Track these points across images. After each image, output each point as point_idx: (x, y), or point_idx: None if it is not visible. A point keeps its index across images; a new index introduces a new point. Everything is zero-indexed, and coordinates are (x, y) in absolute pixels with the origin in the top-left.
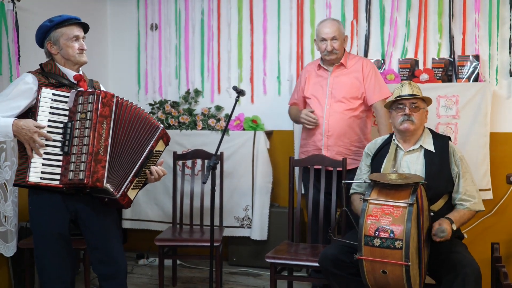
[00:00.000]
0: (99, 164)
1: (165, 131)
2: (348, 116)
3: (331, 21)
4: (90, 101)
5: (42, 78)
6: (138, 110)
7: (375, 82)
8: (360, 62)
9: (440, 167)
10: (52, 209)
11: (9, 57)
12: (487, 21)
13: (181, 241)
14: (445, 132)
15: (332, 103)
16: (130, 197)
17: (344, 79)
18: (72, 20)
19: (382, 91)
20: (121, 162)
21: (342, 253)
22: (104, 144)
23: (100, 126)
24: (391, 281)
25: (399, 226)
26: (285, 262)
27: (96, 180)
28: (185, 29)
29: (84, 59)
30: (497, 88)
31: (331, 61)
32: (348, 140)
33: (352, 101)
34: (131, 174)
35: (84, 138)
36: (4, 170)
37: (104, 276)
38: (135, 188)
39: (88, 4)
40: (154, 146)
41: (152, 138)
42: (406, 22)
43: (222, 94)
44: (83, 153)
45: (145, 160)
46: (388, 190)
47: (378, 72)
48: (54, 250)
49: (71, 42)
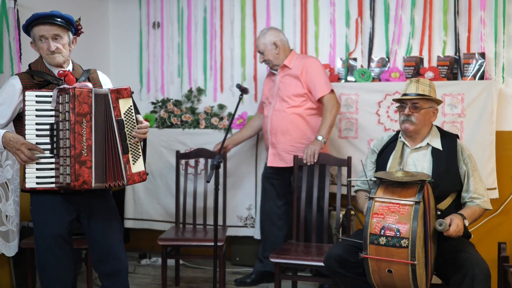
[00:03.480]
0: (83, 166)
1: (114, 89)
2: (290, 114)
3: (260, 33)
4: (67, 100)
5: (27, 79)
6: (98, 92)
7: (317, 79)
8: (303, 61)
9: (447, 165)
10: (53, 210)
11: (11, 55)
12: (493, 18)
13: (184, 241)
14: (450, 131)
15: (276, 103)
16: (139, 171)
17: (287, 79)
18: (38, 19)
19: (324, 86)
20: (107, 153)
21: (348, 253)
22: (87, 144)
23: (79, 126)
24: (397, 280)
25: (405, 224)
26: (290, 262)
27: (83, 183)
28: (188, 27)
29: (56, 60)
30: (503, 86)
31: (270, 67)
32: (291, 137)
33: (294, 99)
34: (121, 156)
35: (66, 140)
36: (6, 169)
37: (105, 274)
38: (136, 160)
39: (89, 2)
40: (118, 114)
41: (110, 107)
42: (411, 20)
43: (225, 93)
44: (67, 156)
45: (122, 132)
46: (394, 188)
47: (320, 68)
48: (54, 251)
49: (40, 43)
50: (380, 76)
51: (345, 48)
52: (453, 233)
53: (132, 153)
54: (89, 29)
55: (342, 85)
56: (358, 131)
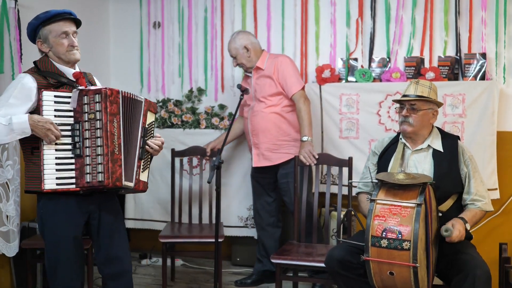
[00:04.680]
0: (116, 164)
1: (148, 101)
2: (268, 114)
3: (230, 39)
4: (97, 100)
5: (40, 78)
6: (133, 97)
7: (288, 77)
8: (275, 60)
9: (448, 167)
10: (68, 213)
11: (11, 55)
12: (494, 18)
13: (183, 238)
14: (451, 131)
15: (255, 104)
16: (144, 180)
17: (262, 80)
18: (60, 15)
19: (295, 84)
20: (130, 154)
21: (349, 254)
22: (118, 143)
23: (111, 125)
24: (399, 282)
25: (407, 226)
26: (291, 263)
27: (116, 180)
28: (188, 27)
29: (76, 56)
30: (504, 86)
31: (245, 70)
32: (272, 136)
33: (271, 99)
34: (136, 159)
35: (96, 139)
36: (6, 169)
37: (110, 276)
38: (144, 169)
39: (90, 2)
40: (144, 122)
41: (140, 114)
42: (412, 20)
43: (225, 93)
44: (98, 154)
45: (142, 140)
46: (396, 190)
47: (291, 66)
48: (67, 254)
49: (60, 39)
50: (381, 76)
51: (346, 48)
52: (455, 239)
53: (144, 161)
54: (90, 29)
55: (343, 85)
56: (359, 131)
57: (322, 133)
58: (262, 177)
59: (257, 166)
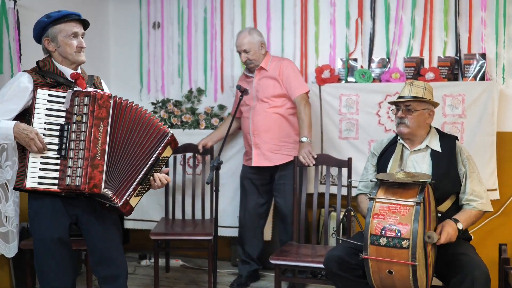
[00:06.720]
0: (96, 169)
1: (174, 137)
2: (271, 114)
3: (243, 33)
4: (86, 102)
5: (38, 77)
6: (140, 111)
7: (292, 80)
8: (279, 63)
9: (447, 167)
10: (52, 214)
11: (10, 55)
12: (493, 18)
13: (175, 235)
14: (451, 132)
15: (256, 104)
16: (132, 205)
17: (265, 80)
18: (71, 16)
19: (299, 87)
20: (122, 167)
21: (348, 255)
22: (101, 148)
23: (96, 130)
24: (397, 281)
25: (406, 225)
26: (290, 264)
27: (93, 186)
28: (188, 27)
29: (82, 58)
30: (503, 87)
31: (250, 68)
32: (275, 136)
33: (274, 100)
34: (135, 182)
35: (80, 142)
36: (5, 170)
37: (104, 279)
38: (138, 195)
39: (90, 2)
40: (161, 153)
41: (160, 144)
42: (412, 20)
43: (225, 93)
44: (79, 157)
45: (151, 168)
46: (395, 189)
47: (295, 70)
48: (53, 255)
49: (70, 39)
50: (380, 77)
51: (345, 48)
52: (444, 242)
53: (141, 188)
54: (89, 29)
55: (343, 86)
56: (359, 131)
57: (322, 133)
58: (257, 177)
59: (255, 166)
